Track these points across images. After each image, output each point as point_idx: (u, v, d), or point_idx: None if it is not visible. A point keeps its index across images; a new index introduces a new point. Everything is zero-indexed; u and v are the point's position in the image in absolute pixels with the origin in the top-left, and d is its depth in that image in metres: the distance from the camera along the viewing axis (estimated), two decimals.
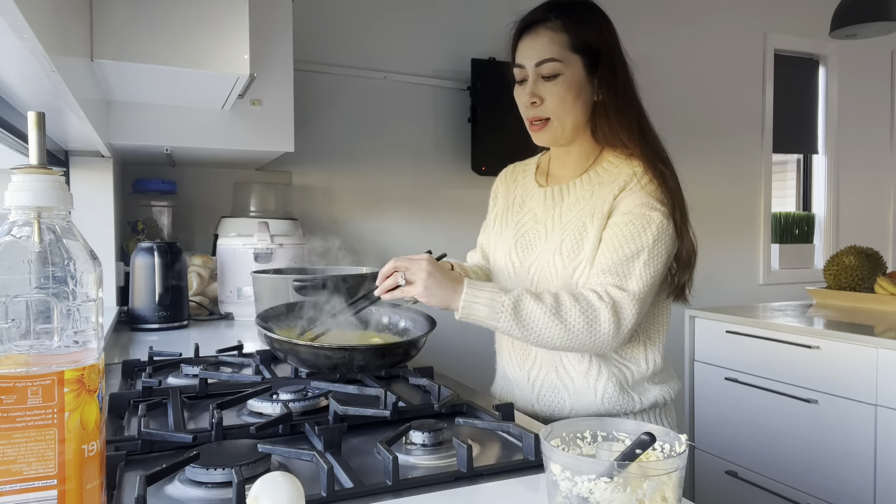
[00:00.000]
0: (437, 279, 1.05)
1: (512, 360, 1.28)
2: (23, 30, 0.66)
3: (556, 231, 1.20)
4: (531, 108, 1.19)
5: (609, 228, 1.14)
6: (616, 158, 1.21)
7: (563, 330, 1.05)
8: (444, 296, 1.05)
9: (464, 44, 2.74)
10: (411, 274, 1.06)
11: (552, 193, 1.25)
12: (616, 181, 1.17)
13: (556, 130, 1.19)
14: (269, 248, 1.96)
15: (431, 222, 2.75)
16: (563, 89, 1.16)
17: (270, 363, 1.33)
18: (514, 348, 1.27)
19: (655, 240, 1.11)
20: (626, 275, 1.09)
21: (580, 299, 1.06)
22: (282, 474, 0.56)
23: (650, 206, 1.12)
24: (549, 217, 1.23)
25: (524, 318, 1.04)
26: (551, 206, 1.24)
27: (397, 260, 1.09)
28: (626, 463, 0.52)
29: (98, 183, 1.87)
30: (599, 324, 1.05)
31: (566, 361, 1.19)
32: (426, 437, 0.85)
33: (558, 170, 1.29)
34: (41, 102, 1.12)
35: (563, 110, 1.17)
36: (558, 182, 1.27)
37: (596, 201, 1.17)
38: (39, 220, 0.55)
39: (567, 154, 1.26)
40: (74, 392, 0.54)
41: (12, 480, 0.52)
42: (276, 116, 1.88)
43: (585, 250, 1.15)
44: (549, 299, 1.05)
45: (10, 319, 0.53)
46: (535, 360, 1.23)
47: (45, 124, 0.57)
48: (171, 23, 1.32)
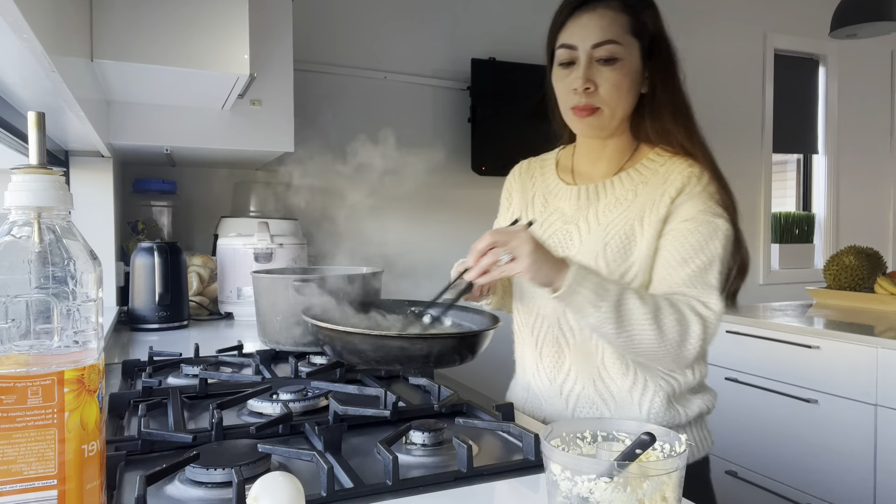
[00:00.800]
0: (544, 253, 0.94)
1: (540, 372, 1.16)
2: (23, 30, 0.66)
3: (594, 233, 1.10)
4: (582, 95, 1.07)
5: (670, 236, 1.04)
6: (658, 156, 1.11)
7: (658, 337, 0.96)
8: (550, 271, 0.94)
9: (464, 44, 2.74)
10: (514, 248, 0.93)
11: (585, 192, 1.14)
12: (668, 182, 1.07)
13: (604, 120, 1.08)
14: (269, 248, 1.96)
15: (432, 222, 2.75)
16: (620, 76, 1.06)
17: (270, 363, 1.33)
18: (542, 359, 1.15)
19: (724, 249, 1.03)
20: (706, 290, 1.01)
21: (676, 308, 0.98)
22: (282, 474, 0.56)
23: (714, 213, 1.04)
24: (581, 217, 1.13)
25: (624, 314, 0.95)
26: (584, 206, 1.13)
27: (493, 233, 0.95)
28: (626, 463, 0.52)
29: (98, 183, 1.87)
30: (689, 338, 0.97)
31: (606, 373, 1.09)
32: (426, 437, 0.85)
33: (587, 166, 1.18)
34: (41, 102, 1.12)
35: (617, 99, 1.07)
36: (589, 179, 1.17)
37: (643, 202, 1.08)
38: (39, 220, 0.55)
39: (601, 149, 1.15)
40: (74, 392, 0.54)
41: (12, 480, 0.52)
42: (276, 116, 1.88)
43: (635, 254, 1.06)
44: (650, 300, 0.97)
45: (10, 319, 0.53)
46: (570, 372, 1.12)
47: (45, 124, 0.57)
48: (171, 23, 1.32)
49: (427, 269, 2.64)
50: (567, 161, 1.24)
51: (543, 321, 1.16)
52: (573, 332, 1.11)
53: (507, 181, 1.35)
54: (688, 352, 0.98)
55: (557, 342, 1.13)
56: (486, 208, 2.86)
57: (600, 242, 1.09)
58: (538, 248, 0.93)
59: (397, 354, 0.95)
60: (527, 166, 1.32)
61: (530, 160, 1.33)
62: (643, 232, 1.06)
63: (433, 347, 0.96)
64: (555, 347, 1.14)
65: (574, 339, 1.11)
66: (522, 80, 2.72)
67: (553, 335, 1.14)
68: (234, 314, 1.96)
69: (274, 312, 1.38)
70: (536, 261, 0.92)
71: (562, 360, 1.13)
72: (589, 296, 0.94)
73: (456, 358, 1.00)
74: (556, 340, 1.14)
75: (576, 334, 1.11)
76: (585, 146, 1.19)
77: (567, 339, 1.12)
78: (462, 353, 0.99)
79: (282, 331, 1.37)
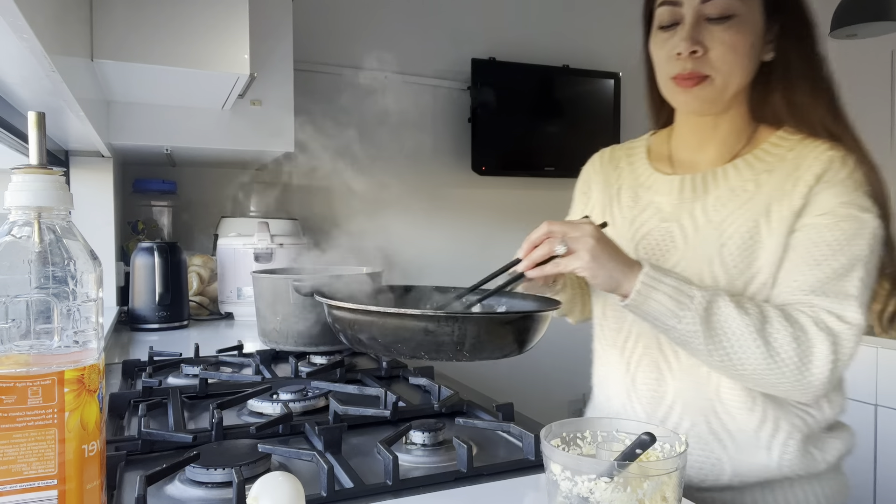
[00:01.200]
0: (609, 249, 0.80)
1: (634, 404, 0.95)
2: (23, 30, 0.66)
3: (704, 233, 0.91)
4: (687, 60, 0.88)
5: (802, 233, 0.85)
6: (783, 140, 0.92)
7: (765, 355, 0.78)
8: (615, 272, 0.79)
9: (464, 44, 2.74)
10: (574, 240, 0.79)
11: (689, 184, 0.95)
12: (802, 168, 0.87)
13: (715, 91, 0.89)
14: (269, 248, 1.96)
15: (432, 222, 2.75)
16: (736, 36, 0.87)
17: (270, 363, 1.33)
18: (636, 387, 0.95)
19: (871, 250, 0.83)
20: (841, 298, 0.81)
21: (791, 321, 0.79)
22: (282, 474, 0.56)
23: (860, 206, 0.84)
24: (685, 214, 0.94)
25: (716, 326, 0.79)
26: (689, 200, 0.94)
27: (552, 223, 0.81)
28: (626, 463, 0.52)
29: (98, 183, 1.87)
30: (813, 359, 0.78)
31: (723, 407, 0.88)
32: (426, 437, 0.85)
33: (691, 152, 0.99)
34: (41, 102, 1.12)
35: (732, 64, 0.88)
36: (695, 168, 0.97)
37: (770, 194, 0.88)
38: (39, 220, 0.55)
39: (712, 130, 0.95)
40: (74, 392, 0.54)
41: (12, 480, 0.52)
42: (276, 116, 1.88)
43: (762, 259, 0.86)
44: (752, 309, 0.80)
45: (11, 319, 0.53)
46: (675, 405, 0.91)
47: (45, 124, 0.57)
48: (171, 23, 1.32)
49: (427, 269, 2.65)
50: (662, 147, 1.04)
51: (638, 339, 0.96)
52: (678, 353, 0.91)
53: (585, 172, 1.14)
54: (813, 377, 0.78)
55: (657, 366, 0.93)
56: (486, 208, 2.86)
57: (714, 244, 0.89)
58: (603, 243, 0.80)
59: (421, 339, 0.76)
60: (609, 155, 1.11)
61: (613, 147, 1.12)
62: (771, 230, 0.87)
63: (467, 331, 0.75)
64: (653, 373, 0.93)
65: (679, 362, 0.91)
66: (522, 80, 2.72)
67: (651, 357, 0.94)
68: (234, 314, 1.96)
69: (274, 312, 1.38)
70: (598, 257, 0.79)
71: (663, 390, 0.92)
72: (667, 303, 0.79)
73: (498, 347, 0.79)
74: (654, 364, 0.94)
75: (681, 356, 0.91)
76: (689, 127, 0.99)
77: (670, 362, 0.92)
78: (506, 340, 0.79)
79: (282, 331, 1.37)
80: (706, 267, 0.89)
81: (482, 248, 2.67)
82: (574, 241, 0.79)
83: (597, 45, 2.87)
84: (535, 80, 2.73)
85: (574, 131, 2.80)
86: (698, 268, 0.89)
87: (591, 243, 0.79)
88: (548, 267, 0.81)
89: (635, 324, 0.95)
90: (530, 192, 2.81)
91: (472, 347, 0.76)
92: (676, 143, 1.01)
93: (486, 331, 0.77)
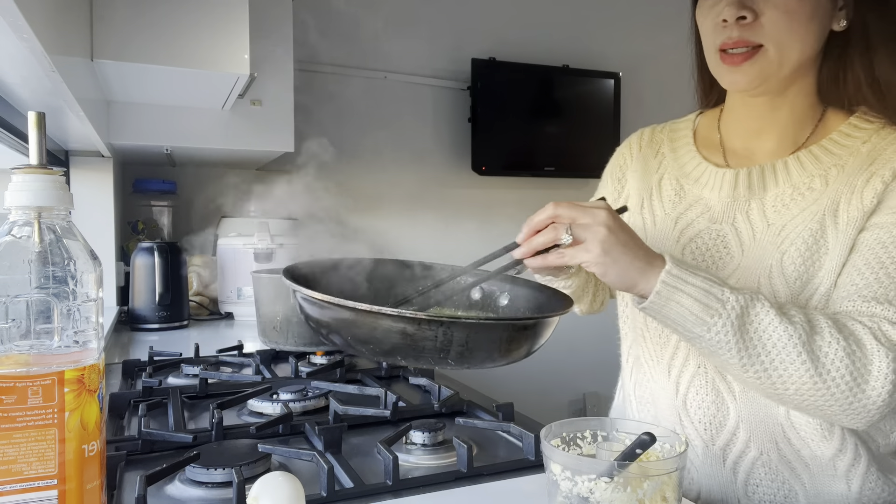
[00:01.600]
0: (623, 239, 0.67)
1: (687, 425, 0.82)
2: (23, 30, 0.66)
3: (763, 239, 0.78)
4: (733, 28, 0.76)
5: (870, 232, 0.74)
6: (857, 128, 0.79)
7: (811, 373, 0.66)
8: (630, 268, 0.66)
9: (464, 44, 2.74)
10: (583, 228, 0.66)
11: (745, 179, 0.82)
12: (877, 162, 0.75)
13: (771, 66, 0.76)
14: (269, 248, 1.96)
15: (432, 222, 2.75)
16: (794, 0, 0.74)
17: (271, 363, 1.33)
18: (687, 409, 0.81)
19: None
20: None
21: (846, 332, 0.67)
22: (282, 474, 0.56)
23: None
24: (739, 215, 0.81)
25: (753, 337, 0.66)
26: (744, 199, 0.81)
27: (559, 205, 0.67)
28: (627, 463, 0.52)
29: (98, 183, 1.87)
30: (869, 378, 0.66)
31: (795, 433, 0.77)
32: (426, 437, 0.85)
33: (746, 139, 0.85)
34: (41, 102, 1.12)
35: (789, 32, 0.74)
36: (749, 160, 0.84)
37: (837, 191, 0.76)
38: (40, 220, 0.55)
39: (770, 113, 0.82)
40: (75, 392, 0.54)
41: (12, 480, 0.52)
42: (276, 116, 1.88)
43: (826, 266, 0.74)
44: (798, 317, 0.68)
45: (11, 319, 0.53)
46: (738, 429, 0.79)
47: (45, 124, 0.57)
48: (171, 23, 1.32)
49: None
50: (711, 131, 0.90)
51: (688, 358, 0.82)
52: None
53: (620, 155, 0.99)
54: (869, 399, 0.67)
55: (713, 387, 0.80)
56: (486, 208, 2.86)
57: (774, 252, 0.77)
58: (617, 233, 0.66)
59: (396, 342, 0.64)
60: (649, 136, 0.97)
61: (653, 128, 0.98)
62: (838, 233, 0.75)
63: (453, 336, 0.64)
64: (710, 396, 0.80)
65: (743, 387, 0.78)
66: (522, 80, 2.72)
67: (706, 378, 0.81)
68: (234, 314, 1.96)
69: (274, 312, 1.38)
70: (611, 251, 0.65)
71: (723, 415, 0.79)
72: (693, 307, 0.66)
73: (488, 357, 0.68)
74: (710, 385, 0.80)
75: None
76: (743, 110, 0.85)
77: (729, 382, 0.79)
78: (499, 349, 0.68)
79: (282, 331, 1.37)
80: (765, 280, 0.76)
81: (482, 248, 2.67)
82: (583, 230, 0.66)
83: (597, 45, 2.87)
84: (535, 80, 2.73)
85: (574, 131, 2.80)
86: (755, 280, 0.77)
87: (603, 234, 0.66)
88: (551, 257, 0.69)
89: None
90: (530, 192, 2.81)
91: (458, 355, 0.65)
92: (728, 128, 0.87)
93: (475, 338, 0.65)
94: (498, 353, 0.68)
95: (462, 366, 0.68)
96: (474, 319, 0.67)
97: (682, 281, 0.66)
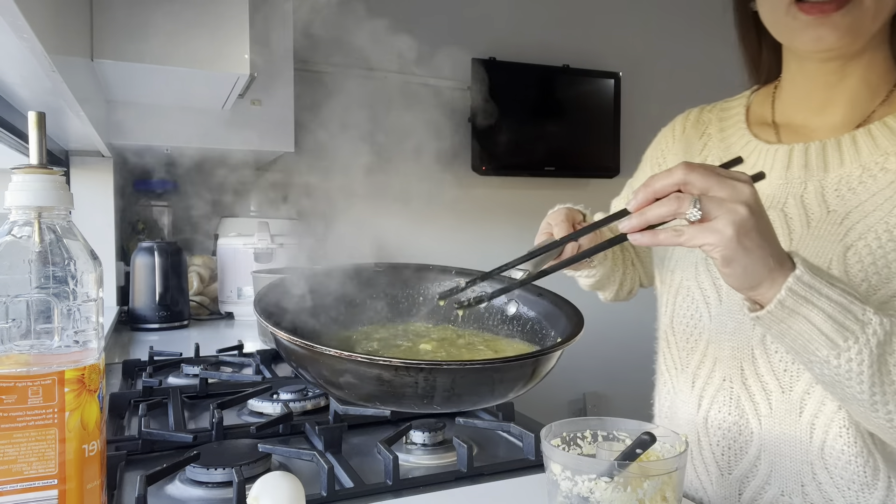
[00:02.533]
0: (762, 226, 0.53)
1: (704, 446, 0.72)
2: (23, 30, 0.66)
3: (821, 227, 0.66)
4: None
5: None
6: None
7: None
8: (761, 264, 0.53)
9: (464, 44, 2.74)
10: (716, 204, 0.52)
11: (800, 157, 0.70)
12: None
13: (866, 17, 0.64)
14: (269, 248, 1.96)
15: (431, 222, 2.75)
16: None
17: (271, 363, 1.33)
18: (707, 425, 0.72)
19: None
20: None
21: None
22: (282, 474, 0.56)
23: None
24: (791, 199, 0.69)
25: (893, 371, 0.55)
26: (799, 179, 0.70)
27: (692, 168, 0.53)
28: (627, 463, 0.52)
29: (98, 183, 1.87)
30: None
31: (827, 475, 0.65)
32: (426, 436, 0.85)
33: (806, 114, 0.74)
34: (41, 102, 1.12)
35: None
36: (807, 135, 0.72)
37: None
38: (40, 220, 0.55)
39: (838, 81, 0.70)
40: (75, 392, 0.54)
41: (13, 480, 0.52)
42: (276, 116, 1.88)
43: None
44: None
45: (11, 319, 0.53)
46: (759, 459, 0.69)
47: (45, 124, 0.57)
48: (171, 23, 1.32)
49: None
50: (764, 109, 0.79)
51: (715, 365, 0.72)
52: (767, 388, 0.67)
53: (662, 138, 0.90)
54: None
55: (738, 404, 0.70)
56: (486, 208, 2.86)
57: (836, 246, 0.65)
58: (759, 215, 0.53)
59: (372, 390, 0.57)
60: (696, 117, 0.87)
61: (701, 108, 0.88)
62: None
63: (436, 382, 0.55)
64: (733, 413, 0.70)
65: (769, 401, 0.67)
66: (522, 80, 2.72)
67: (731, 392, 0.70)
68: (234, 314, 1.96)
69: None
70: (747, 237, 0.52)
71: (745, 439, 0.69)
72: (823, 326, 0.54)
73: (480, 398, 0.60)
74: (734, 401, 0.70)
75: (772, 393, 0.67)
76: (804, 80, 0.73)
77: (756, 401, 0.69)
78: (491, 390, 0.59)
79: None
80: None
81: (482, 248, 2.67)
82: (716, 206, 0.52)
83: (597, 45, 2.87)
84: (535, 80, 2.73)
85: (574, 131, 2.80)
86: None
87: (743, 214, 0.51)
88: (663, 235, 0.55)
89: (713, 343, 0.71)
90: (530, 192, 2.81)
91: (444, 400, 0.57)
92: (784, 103, 0.76)
93: (462, 383, 0.56)
94: (491, 395, 0.60)
95: (451, 409, 0.61)
96: (457, 364, 0.59)
97: (813, 292, 0.53)
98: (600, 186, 2.86)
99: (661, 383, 0.83)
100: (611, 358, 2.51)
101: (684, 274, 0.76)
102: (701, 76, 3.33)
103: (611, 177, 2.81)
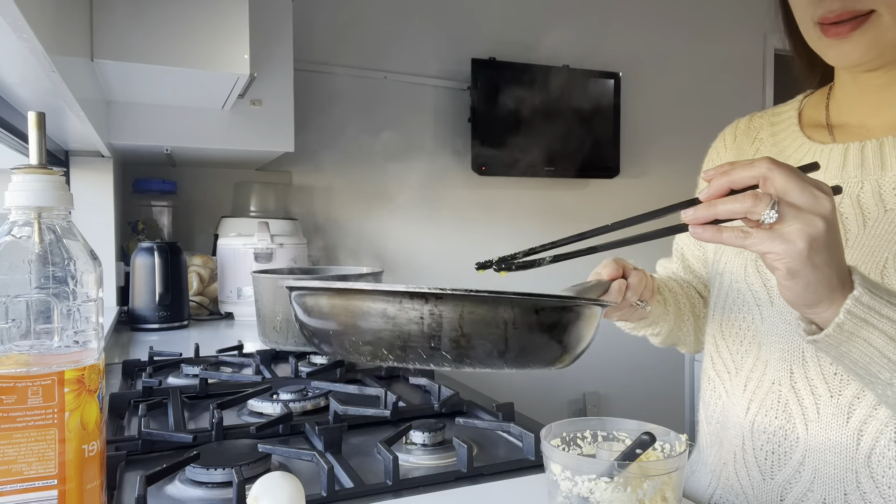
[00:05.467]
0: (834, 243, 0.51)
1: (749, 450, 0.71)
2: (23, 30, 0.66)
3: (877, 228, 0.65)
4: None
5: None
6: None
7: None
8: (826, 284, 0.51)
9: (464, 44, 2.74)
10: (793, 212, 0.49)
11: (856, 155, 0.69)
12: None
13: (887, 33, 0.64)
14: (269, 248, 1.96)
15: (431, 222, 2.75)
16: None
17: (271, 363, 1.33)
18: (752, 430, 0.71)
19: None
20: None
21: None
22: (282, 474, 0.56)
23: None
24: (847, 198, 0.68)
25: None
26: (854, 179, 0.68)
27: (775, 166, 0.50)
28: (627, 463, 0.52)
29: (98, 183, 1.87)
30: None
31: (872, 485, 0.63)
32: (426, 437, 0.85)
33: (861, 114, 0.73)
34: (41, 102, 1.12)
35: None
36: (866, 134, 0.71)
37: None
38: (40, 220, 0.55)
39: (887, 87, 0.70)
40: (75, 392, 0.54)
41: (12, 480, 0.52)
42: (276, 116, 1.88)
43: None
44: None
45: (11, 319, 0.53)
46: (803, 465, 0.67)
47: (45, 124, 0.57)
48: (171, 23, 1.32)
49: (427, 269, 2.64)
50: (817, 112, 0.79)
51: (766, 368, 0.71)
52: (816, 392, 0.66)
53: (714, 150, 0.89)
54: None
55: (785, 408, 0.69)
56: (486, 208, 2.86)
57: (894, 244, 0.63)
58: (834, 231, 0.51)
59: (379, 329, 0.50)
60: (746, 125, 0.86)
61: (752, 115, 0.88)
62: None
63: (442, 317, 0.47)
64: (779, 417, 0.69)
65: (817, 406, 0.66)
66: (522, 80, 2.72)
67: (779, 396, 0.69)
68: (234, 314, 1.96)
69: (274, 312, 1.38)
70: (818, 253, 0.49)
71: (790, 444, 0.68)
72: (885, 348, 0.52)
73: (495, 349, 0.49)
74: (782, 406, 0.69)
75: (821, 398, 0.66)
76: (855, 87, 0.73)
77: (804, 405, 0.67)
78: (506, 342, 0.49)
79: (282, 331, 1.37)
80: (877, 278, 0.62)
81: (482, 248, 2.68)
82: (794, 214, 0.49)
83: (597, 45, 2.87)
84: (535, 80, 2.73)
85: (574, 131, 2.80)
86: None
87: (820, 228, 0.49)
88: (727, 234, 0.51)
89: (764, 346, 0.70)
90: (530, 192, 2.81)
91: (453, 346, 0.47)
92: (839, 105, 0.76)
93: (471, 320, 0.46)
94: (507, 347, 0.48)
95: (462, 363, 0.50)
96: (462, 291, 0.48)
97: (873, 313, 0.51)
98: (600, 186, 2.86)
99: (708, 389, 0.80)
100: (611, 358, 2.51)
101: (734, 276, 0.75)
102: (701, 76, 3.33)
103: (611, 177, 2.80)
